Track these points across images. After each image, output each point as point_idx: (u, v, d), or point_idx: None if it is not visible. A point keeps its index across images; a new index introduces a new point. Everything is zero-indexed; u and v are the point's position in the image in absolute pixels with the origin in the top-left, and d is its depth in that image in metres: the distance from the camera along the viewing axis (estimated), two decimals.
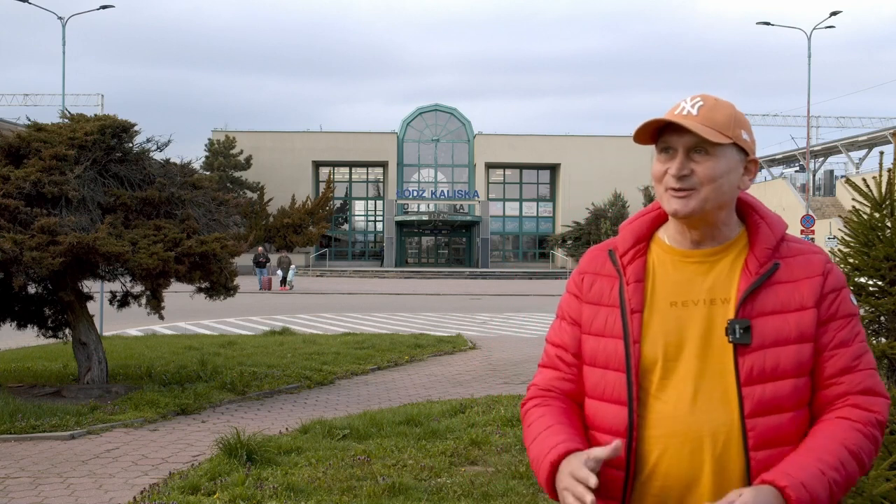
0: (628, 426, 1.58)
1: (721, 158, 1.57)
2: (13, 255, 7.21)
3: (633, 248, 1.68)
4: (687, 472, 1.54)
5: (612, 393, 1.62)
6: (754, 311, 1.56)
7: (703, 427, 1.54)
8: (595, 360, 1.66)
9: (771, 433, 1.53)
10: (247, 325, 16.74)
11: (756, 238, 1.62)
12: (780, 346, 1.55)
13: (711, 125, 1.56)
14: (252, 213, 45.80)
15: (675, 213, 1.59)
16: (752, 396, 1.53)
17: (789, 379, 1.54)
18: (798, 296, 1.58)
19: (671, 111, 1.60)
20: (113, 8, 32.67)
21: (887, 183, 3.48)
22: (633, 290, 1.63)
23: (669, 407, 1.57)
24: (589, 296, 1.70)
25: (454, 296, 28.75)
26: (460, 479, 5.28)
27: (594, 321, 1.68)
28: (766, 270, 1.58)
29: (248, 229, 39.87)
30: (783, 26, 36.62)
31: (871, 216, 3.50)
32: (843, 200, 43.55)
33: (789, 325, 1.56)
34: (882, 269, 3.38)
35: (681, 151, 1.58)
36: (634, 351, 1.60)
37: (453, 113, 56.24)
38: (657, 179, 1.62)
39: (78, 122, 8.70)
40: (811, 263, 1.61)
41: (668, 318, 1.61)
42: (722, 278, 1.61)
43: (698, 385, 1.56)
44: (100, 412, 7.43)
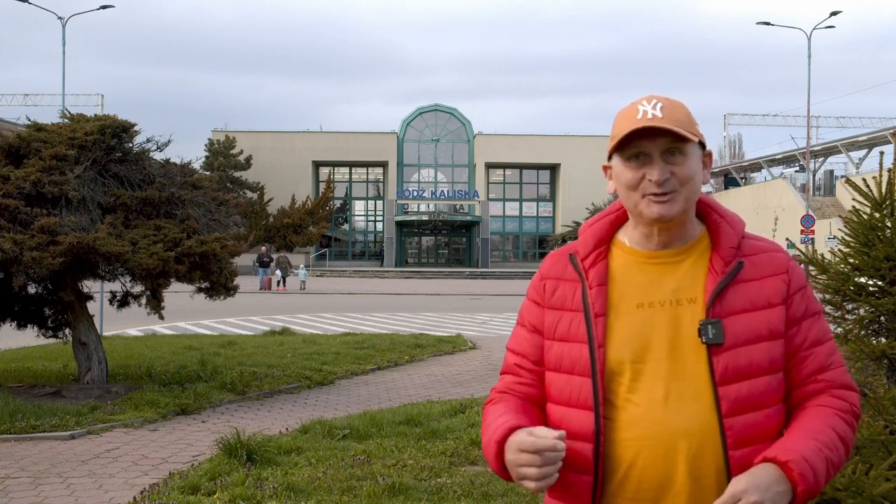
0: (595, 431, 1.57)
1: (692, 156, 1.58)
2: (13, 255, 7.21)
3: (595, 252, 1.67)
4: (661, 473, 1.53)
5: (579, 398, 1.60)
6: (724, 311, 1.56)
7: (676, 428, 1.53)
8: (560, 366, 1.64)
9: (749, 431, 1.53)
10: (247, 325, 16.74)
11: (719, 237, 1.62)
12: (753, 344, 1.55)
13: (679, 125, 1.56)
14: (252, 213, 45.80)
15: (661, 218, 1.57)
16: (728, 396, 1.52)
17: (763, 376, 1.55)
18: (765, 293, 1.58)
19: (630, 116, 1.58)
20: (113, 8, 32.66)
21: (887, 183, 3.47)
22: (597, 294, 1.62)
23: (641, 409, 1.56)
24: (552, 301, 1.68)
25: (454, 296, 28.75)
26: (460, 479, 5.28)
27: (558, 326, 1.66)
28: (731, 269, 1.58)
29: (248, 229, 39.85)
30: (783, 26, 36.64)
31: (871, 216, 3.50)
32: (843, 200, 43.54)
33: (759, 323, 1.56)
34: (882, 269, 3.38)
35: (657, 156, 1.56)
36: (599, 355, 1.58)
37: (453, 113, 56.24)
38: (631, 187, 1.58)
39: (78, 122, 8.70)
40: (774, 261, 1.62)
41: (635, 320, 1.60)
42: (687, 278, 1.60)
43: (669, 386, 1.55)
44: (100, 412, 7.43)
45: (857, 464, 2.74)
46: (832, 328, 3.55)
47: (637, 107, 1.58)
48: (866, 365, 3.41)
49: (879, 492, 2.67)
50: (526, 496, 4.97)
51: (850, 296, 3.45)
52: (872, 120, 59.30)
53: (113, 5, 32.76)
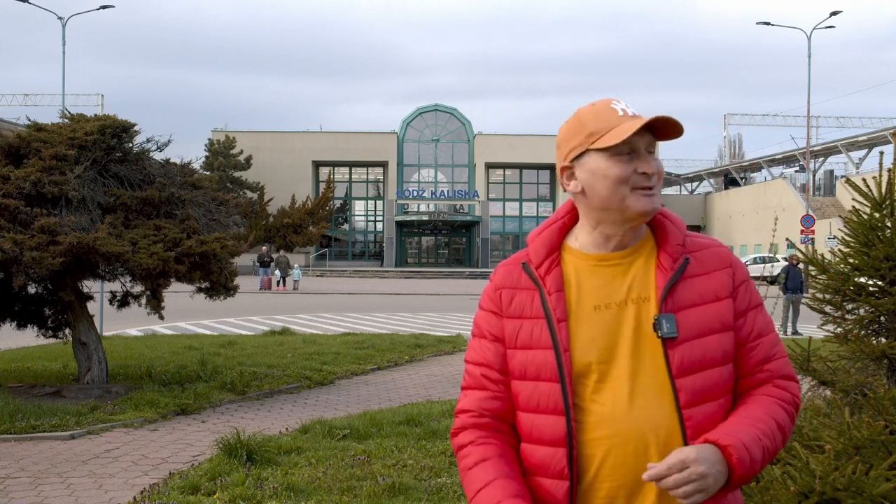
0: (567, 434, 1.58)
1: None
2: (13, 255, 7.21)
3: (548, 259, 1.68)
4: (632, 470, 1.55)
5: (548, 403, 1.60)
6: (676, 306, 1.60)
7: (643, 424, 1.56)
8: (525, 373, 1.64)
9: (706, 421, 1.56)
10: (247, 325, 16.74)
11: (664, 236, 1.66)
12: (705, 337, 1.59)
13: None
14: (252, 213, 45.81)
15: (649, 212, 1.61)
16: (685, 388, 1.56)
17: (717, 367, 1.59)
18: (713, 286, 1.63)
19: (612, 114, 1.62)
20: (113, 8, 32.68)
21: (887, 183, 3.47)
22: (556, 300, 1.63)
23: (607, 409, 1.58)
24: (510, 310, 1.69)
25: (454, 296, 28.75)
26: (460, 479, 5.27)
27: (519, 335, 1.66)
28: (679, 266, 1.63)
29: (248, 229, 39.85)
30: (783, 26, 36.66)
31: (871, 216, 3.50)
32: (843, 200, 43.55)
33: (710, 316, 1.61)
34: (882, 269, 3.38)
35: (643, 151, 1.61)
36: (566, 359, 1.60)
37: (453, 113, 56.24)
38: (622, 181, 1.59)
39: (78, 122, 8.70)
40: (718, 256, 1.67)
41: (594, 322, 1.62)
42: (639, 278, 1.64)
43: (633, 384, 1.58)
44: (100, 412, 7.43)
45: (857, 464, 2.74)
46: (832, 328, 3.55)
47: (611, 106, 1.64)
48: (866, 365, 3.41)
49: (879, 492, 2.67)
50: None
51: (850, 296, 3.45)
52: (872, 120, 59.33)
53: (113, 5, 32.77)
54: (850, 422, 2.92)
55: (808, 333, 4.48)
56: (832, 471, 2.76)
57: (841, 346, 3.44)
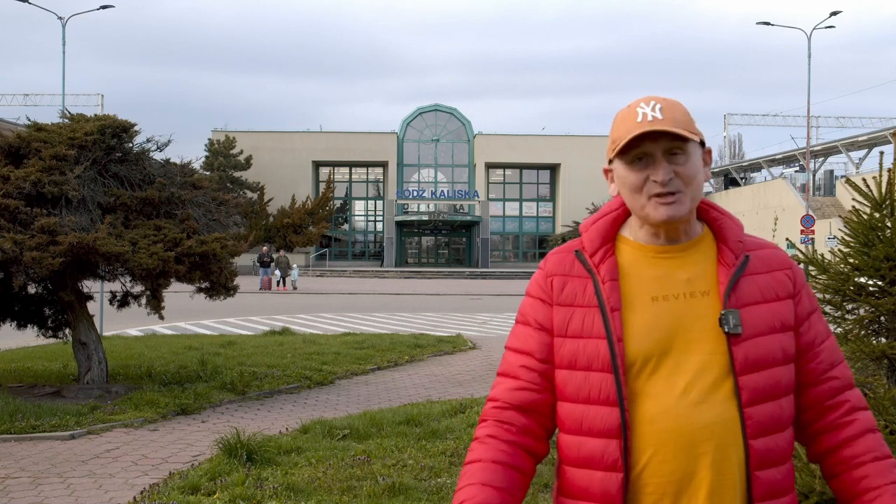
0: (622, 426, 1.56)
1: (693, 155, 1.59)
2: (13, 255, 7.21)
3: (602, 248, 1.67)
4: (683, 465, 1.53)
5: (599, 394, 1.58)
6: (739, 302, 1.58)
7: (697, 420, 1.53)
8: (575, 363, 1.61)
9: (766, 420, 1.55)
10: (247, 325, 16.74)
11: (724, 232, 1.65)
12: (768, 335, 1.58)
13: (680, 125, 1.57)
14: (252, 213, 45.80)
15: (670, 219, 1.58)
16: (748, 386, 1.54)
17: (778, 367, 1.58)
18: (774, 286, 1.62)
19: (630, 119, 1.58)
20: (113, 8, 32.66)
21: (887, 183, 3.47)
22: (611, 289, 1.61)
23: (660, 402, 1.55)
24: (560, 298, 1.66)
25: (454, 296, 28.75)
26: None
27: (570, 323, 1.63)
28: (741, 262, 1.62)
29: (248, 229, 39.87)
30: (783, 26, 36.66)
31: (871, 216, 3.50)
32: (843, 200, 43.54)
33: (772, 315, 1.59)
34: (882, 269, 3.38)
35: (660, 157, 1.57)
36: (619, 349, 1.57)
37: (453, 113, 56.24)
38: (635, 189, 1.59)
39: (78, 122, 8.70)
40: (777, 257, 1.66)
41: (651, 313, 1.59)
42: (698, 271, 1.62)
43: (688, 378, 1.55)
44: (100, 412, 7.43)
45: None
46: (832, 328, 3.55)
47: (636, 109, 1.59)
48: (866, 365, 3.41)
49: None
50: (525, 496, 4.96)
51: (850, 296, 3.45)
52: (872, 120, 59.30)
53: (113, 5, 32.74)
54: None
55: None
56: None
57: (841, 346, 3.44)
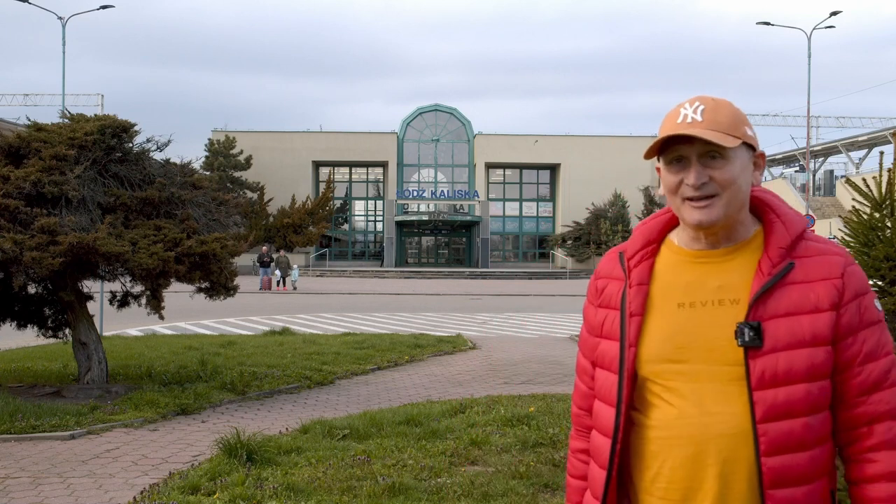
0: (615, 428, 1.60)
1: (735, 160, 1.55)
2: (13, 255, 7.21)
3: (641, 251, 1.68)
4: (690, 474, 1.53)
5: (608, 394, 1.64)
6: (766, 313, 1.51)
7: (709, 430, 1.52)
8: (602, 362, 1.69)
9: (783, 439, 1.48)
10: (247, 325, 16.73)
11: (770, 237, 1.58)
12: (794, 350, 1.50)
13: (719, 128, 1.53)
14: (252, 213, 45.77)
15: (701, 224, 1.55)
16: (763, 401, 1.49)
17: (802, 383, 1.49)
18: (813, 297, 1.52)
19: (671, 119, 1.57)
20: (113, 8, 32.64)
21: (887, 183, 3.48)
22: (635, 293, 1.63)
23: (675, 409, 1.56)
24: (600, 300, 1.73)
25: (454, 296, 28.74)
26: (460, 479, 5.28)
27: (604, 324, 1.70)
28: (778, 271, 1.54)
29: (248, 229, 39.85)
30: (783, 26, 36.64)
31: (871, 216, 3.50)
32: (843, 200, 43.54)
33: (803, 328, 1.51)
34: (882, 269, 3.38)
35: (694, 159, 1.55)
36: (629, 354, 1.60)
37: (453, 113, 56.21)
38: (671, 191, 1.58)
39: (78, 122, 8.70)
40: (829, 265, 1.55)
41: (674, 319, 1.59)
42: (733, 279, 1.57)
43: (706, 387, 1.54)
44: (100, 412, 7.43)
45: None
46: None
47: (680, 110, 1.58)
48: None
49: None
50: (526, 496, 4.97)
51: None
52: (872, 120, 59.27)
53: (113, 5, 32.72)
54: None
55: None
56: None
57: None
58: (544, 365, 11.35)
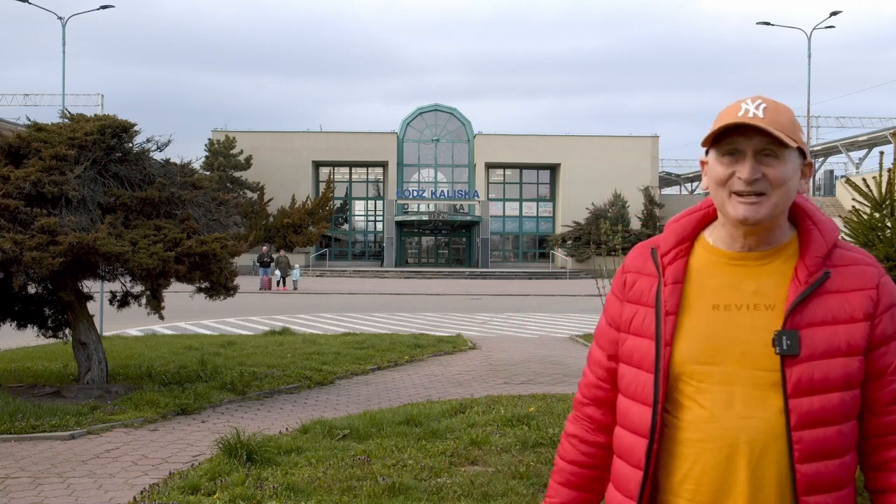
0: (651, 428, 1.58)
1: (788, 162, 1.55)
2: (13, 255, 7.21)
3: (676, 248, 1.66)
4: (721, 477, 1.53)
5: (641, 393, 1.62)
6: (803, 322, 1.52)
7: (740, 434, 1.52)
8: (631, 359, 1.66)
9: (817, 446, 1.49)
10: (247, 325, 16.73)
11: (808, 245, 1.57)
12: (830, 359, 1.50)
13: (780, 128, 1.53)
14: (252, 213, 45.76)
15: (745, 220, 1.54)
16: (799, 408, 1.49)
17: (837, 392, 1.50)
18: (849, 307, 1.53)
19: (732, 112, 1.56)
20: (113, 8, 32.65)
21: (887, 183, 3.48)
22: (671, 292, 1.61)
23: (706, 411, 1.55)
24: (630, 294, 1.70)
25: (454, 296, 28.74)
26: (460, 479, 5.28)
27: (633, 320, 1.67)
28: (816, 279, 1.53)
29: (248, 229, 39.83)
30: (783, 26, 36.67)
31: (871, 216, 3.50)
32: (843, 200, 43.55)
33: (839, 337, 1.51)
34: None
35: (750, 155, 1.54)
36: (665, 353, 1.58)
37: (453, 113, 56.21)
38: (720, 183, 1.57)
39: (78, 122, 8.70)
40: (864, 275, 1.56)
41: (709, 321, 1.58)
42: (769, 283, 1.57)
43: (738, 391, 1.53)
44: (100, 412, 7.43)
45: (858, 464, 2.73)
46: None
47: (741, 104, 1.57)
48: None
49: None
50: (526, 496, 4.97)
51: None
52: (872, 120, 59.26)
53: (113, 5, 32.73)
54: None
55: None
56: None
57: None
58: (544, 365, 11.36)
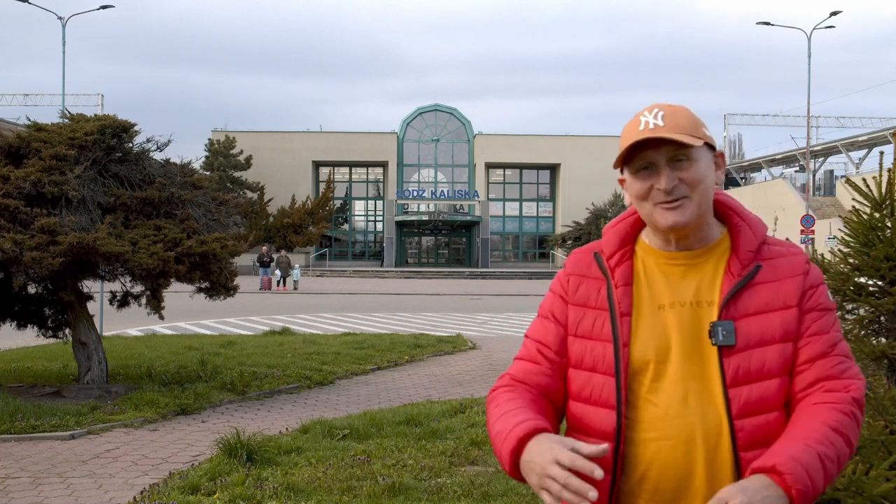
0: (616, 429, 1.58)
1: (700, 161, 1.59)
2: (13, 255, 7.21)
3: (620, 252, 1.69)
4: (680, 473, 1.55)
5: (600, 396, 1.61)
6: (738, 313, 1.56)
7: (694, 429, 1.54)
8: (581, 363, 1.65)
9: (759, 433, 1.53)
10: (247, 325, 16.73)
11: (738, 240, 1.63)
12: (765, 346, 1.55)
13: (682, 130, 1.56)
14: (252, 213, 45.78)
15: (675, 225, 1.58)
16: (738, 398, 1.53)
17: (775, 378, 1.55)
18: (782, 295, 1.59)
19: (633, 128, 1.60)
20: (113, 8, 32.65)
21: (887, 183, 3.47)
22: (623, 294, 1.63)
23: (660, 409, 1.57)
24: (575, 297, 1.69)
25: (454, 296, 28.74)
26: (460, 479, 5.28)
27: (581, 323, 1.67)
28: (748, 272, 1.59)
29: (248, 229, 39.84)
30: (783, 26, 36.66)
31: (871, 216, 3.50)
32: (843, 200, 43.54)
33: (773, 325, 1.57)
34: (882, 269, 3.38)
35: (663, 164, 1.58)
36: (624, 354, 1.59)
37: (453, 113, 56.23)
38: (641, 198, 1.61)
39: (78, 122, 8.70)
40: (793, 264, 1.62)
41: (656, 320, 1.61)
42: (707, 280, 1.61)
43: (688, 387, 1.56)
44: (100, 412, 7.43)
45: (857, 464, 2.74)
46: None
47: (639, 118, 1.61)
48: (866, 365, 3.41)
49: (879, 492, 2.67)
50: (526, 496, 4.96)
51: (850, 296, 3.45)
52: (872, 120, 59.29)
53: (113, 5, 32.74)
54: None
55: None
56: None
57: None
58: None
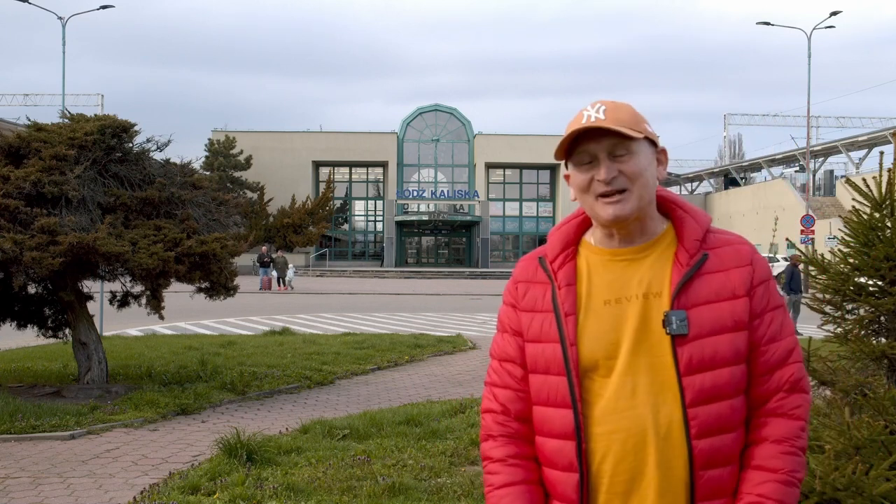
0: (575, 427, 1.60)
1: (640, 154, 1.62)
2: (13, 255, 7.21)
3: (562, 254, 1.71)
4: (632, 465, 1.57)
5: (556, 397, 1.63)
6: (689, 302, 1.59)
7: (645, 420, 1.57)
8: (536, 366, 1.67)
9: (712, 421, 1.56)
10: (247, 325, 16.73)
11: (683, 231, 1.66)
12: (717, 335, 1.57)
13: (622, 124, 1.59)
14: (252, 213, 45.79)
15: (616, 218, 1.60)
16: (692, 386, 1.55)
17: (727, 367, 1.57)
18: (730, 285, 1.61)
19: (576, 121, 1.62)
20: (113, 8, 32.65)
21: (887, 183, 3.47)
22: (566, 294, 1.66)
23: (611, 404, 1.59)
24: (524, 303, 1.72)
25: (454, 296, 28.75)
26: (460, 479, 5.28)
27: (531, 328, 1.69)
28: (696, 261, 1.62)
29: (248, 229, 39.84)
30: (783, 26, 36.64)
31: (871, 216, 3.50)
32: (843, 200, 43.54)
33: (724, 314, 1.59)
34: (882, 269, 3.38)
35: (603, 157, 1.61)
36: (572, 353, 1.62)
37: (453, 113, 56.22)
38: (583, 190, 1.64)
39: (78, 122, 8.70)
40: (739, 253, 1.64)
41: (604, 317, 1.63)
42: (654, 272, 1.63)
43: (638, 379, 1.59)
44: (100, 412, 7.43)
45: (857, 464, 2.74)
46: (832, 328, 3.54)
47: (583, 113, 1.64)
48: (866, 365, 3.41)
49: (879, 492, 2.67)
50: None
51: (850, 296, 3.45)
52: (872, 120, 59.30)
53: (113, 5, 32.72)
54: (850, 422, 2.92)
55: (808, 333, 4.47)
56: (832, 471, 2.76)
57: (841, 346, 3.44)
58: None
